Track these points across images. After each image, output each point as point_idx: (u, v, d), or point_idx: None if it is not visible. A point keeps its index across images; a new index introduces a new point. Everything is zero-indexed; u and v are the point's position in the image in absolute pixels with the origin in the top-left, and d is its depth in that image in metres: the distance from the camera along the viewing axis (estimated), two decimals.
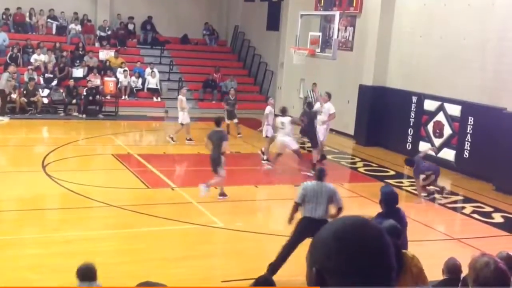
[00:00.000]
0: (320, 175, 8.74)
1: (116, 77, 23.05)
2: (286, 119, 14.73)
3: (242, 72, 26.61)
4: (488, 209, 12.95)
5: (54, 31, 25.22)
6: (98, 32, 25.55)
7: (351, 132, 19.95)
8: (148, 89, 23.48)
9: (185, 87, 19.71)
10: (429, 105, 17.07)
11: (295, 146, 15.02)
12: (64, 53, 23.43)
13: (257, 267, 7.94)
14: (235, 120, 18.91)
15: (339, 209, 8.48)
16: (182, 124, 17.47)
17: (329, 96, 16.52)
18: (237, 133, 18.76)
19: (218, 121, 12.54)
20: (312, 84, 19.72)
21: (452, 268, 6.00)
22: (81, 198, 11.70)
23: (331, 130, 17.82)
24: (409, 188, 14.08)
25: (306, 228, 8.11)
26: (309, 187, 8.49)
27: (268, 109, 16.27)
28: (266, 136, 15.95)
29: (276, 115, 16.08)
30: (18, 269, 8.29)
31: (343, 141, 19.65)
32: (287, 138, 14.76)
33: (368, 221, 1.68)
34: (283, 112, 14.92)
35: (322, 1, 21.05)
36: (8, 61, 22.09)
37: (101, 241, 9.66)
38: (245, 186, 12.70)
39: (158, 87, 23.62)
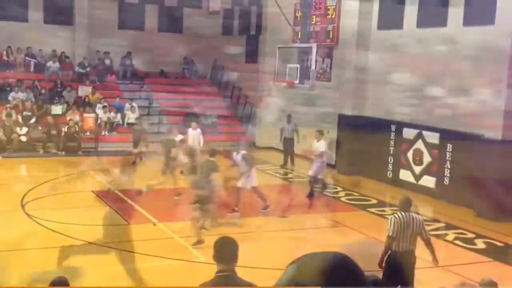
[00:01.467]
0: (407, 206, 8.37)
1: (95, 112, 22.97)
2: (239, 156, 13.82)
3: (223, 105, 26.66)
4: (470, 235, 13.01)
5: (32, 69, 25.14)
6: (77, 69, 25.52)
7: (332, 161, 20.00)
8: (128, 124, 23.41)
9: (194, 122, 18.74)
10: (408, 133, 17.22)
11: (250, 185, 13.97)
12: (43, 91, 23.34)
13: None
14: (140, 149, 19.20)
15: (428, 240, 8.31)
16: None
17: (320, 133, 16.31)
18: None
19: (211, 152, 12.84)
20: (287, 116, 19.76)
21: None
22: (62, 236, 11.54)
23: (308, 159, 17.56)
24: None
25: (399, 263, 7.85)
26: (400, 220, 8.11)
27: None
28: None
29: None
30: None
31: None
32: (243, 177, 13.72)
33: (347, 258, 1.72)
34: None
35: (299, 34, 21.28)
36: None
37: (83, 280, 9.50)
38: (228, 220, 12.65)
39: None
